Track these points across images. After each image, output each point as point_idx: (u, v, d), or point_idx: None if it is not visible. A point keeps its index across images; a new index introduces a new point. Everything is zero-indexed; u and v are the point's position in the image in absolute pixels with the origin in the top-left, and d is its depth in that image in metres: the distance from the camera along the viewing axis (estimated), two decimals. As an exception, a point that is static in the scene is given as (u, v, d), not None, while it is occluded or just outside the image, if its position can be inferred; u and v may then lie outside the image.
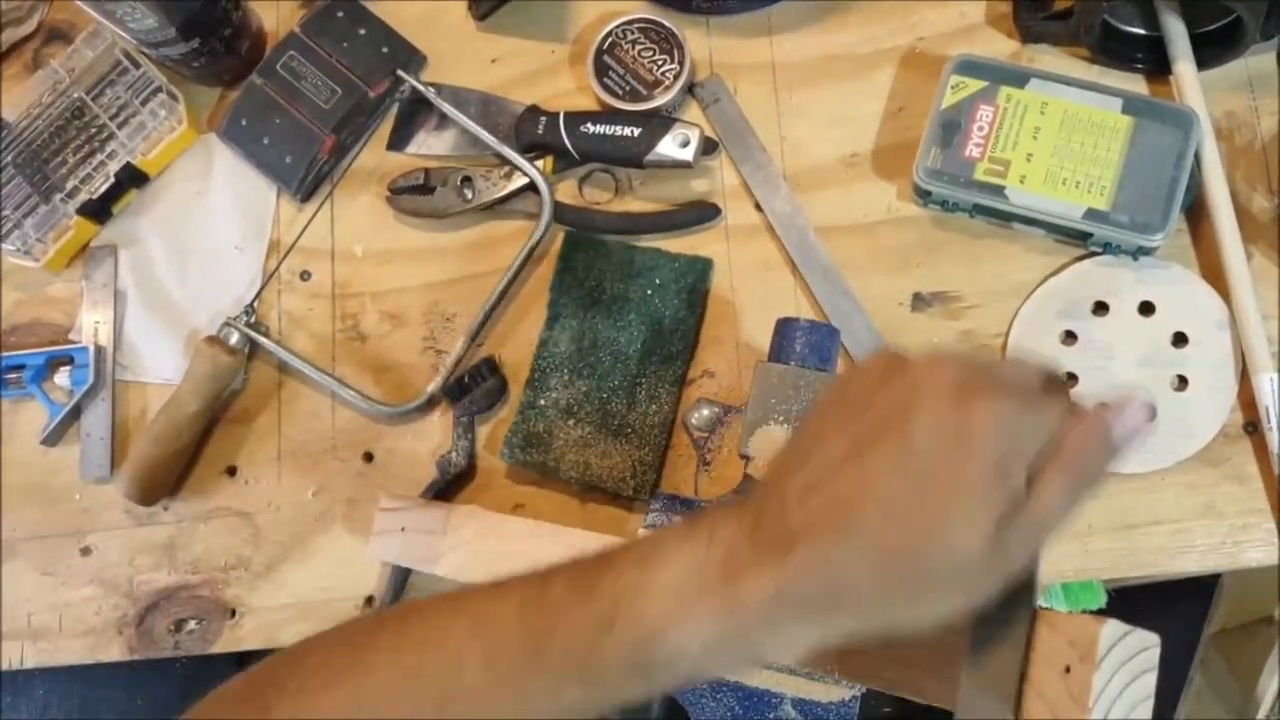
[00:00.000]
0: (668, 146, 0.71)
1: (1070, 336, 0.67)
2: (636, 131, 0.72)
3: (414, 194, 0.77)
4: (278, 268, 0.79)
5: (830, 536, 0.36)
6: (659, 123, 0.72)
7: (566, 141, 0.74)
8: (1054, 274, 0.68)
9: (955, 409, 0.36)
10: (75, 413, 0.79)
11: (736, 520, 0.38)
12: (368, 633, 0.43)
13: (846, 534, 0.36)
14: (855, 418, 0.38)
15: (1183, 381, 0.65)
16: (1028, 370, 0.39)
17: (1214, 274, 0.66)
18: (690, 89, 0.75)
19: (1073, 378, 0.66)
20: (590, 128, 0.73)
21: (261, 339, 0.76)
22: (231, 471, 0.77)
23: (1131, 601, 0.67)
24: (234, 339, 0.75)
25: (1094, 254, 0.68)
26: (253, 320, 0.77)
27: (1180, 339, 0.66)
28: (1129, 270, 0.67)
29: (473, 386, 0.72)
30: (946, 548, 0.35)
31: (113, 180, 0.80)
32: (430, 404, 0.74)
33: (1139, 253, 0.66)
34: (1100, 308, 0.67)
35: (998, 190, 0.66)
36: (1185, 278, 0.66)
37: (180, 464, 0.76)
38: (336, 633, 0.45)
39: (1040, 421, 0.37)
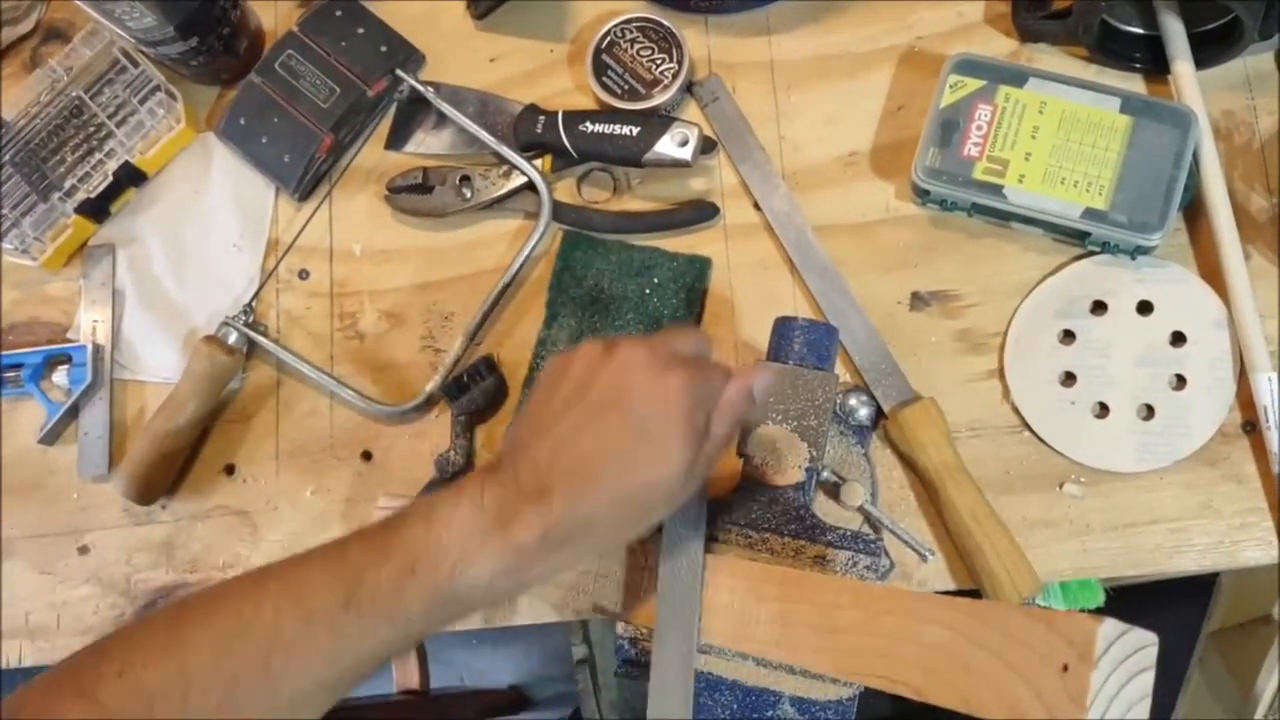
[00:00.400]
0: (666, 145, 0.71)
1: (1068, 335, 0.67)
2: (635, 130, 0.72)
3: (412, 193, 0.77)
4: (276, 267, 0.79)
5: (581, 485, 0.48)
6: (658, 122, 0.72)
7: (565, 140, 0.73)
8: (1052, 273, 0.68)
9: (657, 380, 0.49)
10: (73, 412, 0.79)
11: (499, 482, 0.49)
12: (179, 614, 0.49)
13: (593, 482, 0.49)
14: (582, 394, 0.50)
15: (1180, 381, 0.65)
16: (698, 343, 0.54)
17: (1212, 273, 0.66)
18: (689, 88, 0.75)
19: (1071, 377, 0.67)
20: (589, 126, 0.73)
21: (259, 338, 0.76)
22: (230, 470, 0.77)
23: (1129, 600, 0.67)
24: (232, 338, 0.75)
25: (1092, 253, 0.68)
26: (251, 319, 0.77)
27: (1178, 338, 0.66)
28: (1127, 270, 0.67)
29: (471, 385, 0.72)
30: (661, 478, 0.49)
31: (111, 179, 0.80)
32: (428, 403, 0.74)
33: (1137, 252, 0.66)
34: (1098, 307, 0.67)
35: (996, 189, 0.66)
36: (1184, 276, 0.66)
37: (178, 463, 0.76)
38: (145, 621, 0.50)
39: (712, 384, 0.51)
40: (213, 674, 0.46)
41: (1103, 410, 0.66)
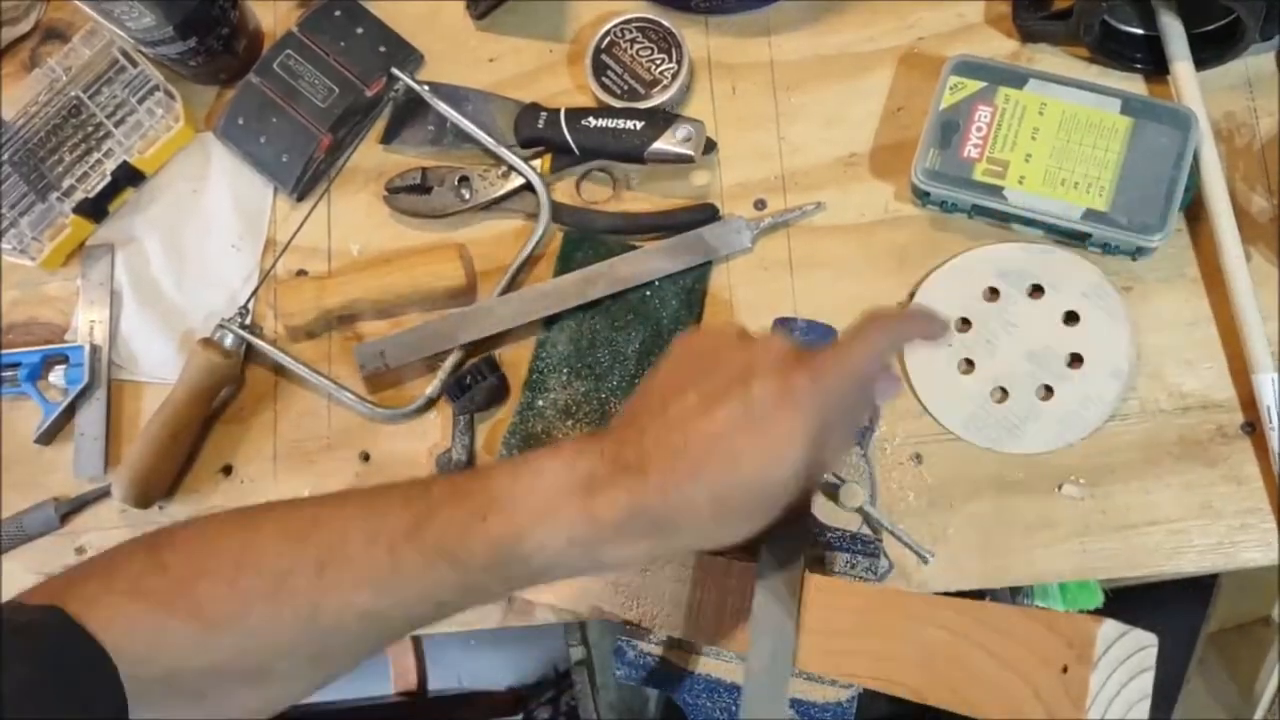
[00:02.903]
0: (670, 141, 0.71)
1: (965, 323, 0.68)
2: (639, 125, 0.72)
3: (411, 193, 0.77)
4: (274, 266, 0.79)
5: (683, 472, 0.44)
6: (662, 117, 0.72)
7: (568, 136, 0.73)
8: (940, 265, 0.69)
9: (784, 377, 0.45)
10: (70, 412, 0.78)
11: (598, 448, 0.46)
12: (260, 509, 0.51)
13: (695, 470, 0.44)
14: (705, 377, 0.46)
15: (1076, 359, 0.66)
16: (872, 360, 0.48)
17: (1213, 274, 0.66)
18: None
19: (971, 364, 0.67)
20: (592, 121, 0.73)
21: (256, 340, 0.76)
22: (227, 471, 0.77)
23: (1129, 601, 0.67)
24: (228, 340, 0.75)
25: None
26: (248, 320, 0.76)
27: (1071, 317, 0.66)
28: (1019, 255, 0.68)
29: (473, 384, 0.72)
30: (769, 479, 0.45)
31: (109, 179, 0.80)
32: (428, 406, 0.74)
33: (1138, 253, 0.66)
34: (992, 293, 0.68)
35: (996, 191, 0.66)
36: (1067, 256, 0.67)
37: (176, 465, 0.75)
38: (228, 512, 0.51)
39: (844, 387, 0.46)
40: (269, 560, 0.47)
41: (1003, 395, 0.66)
